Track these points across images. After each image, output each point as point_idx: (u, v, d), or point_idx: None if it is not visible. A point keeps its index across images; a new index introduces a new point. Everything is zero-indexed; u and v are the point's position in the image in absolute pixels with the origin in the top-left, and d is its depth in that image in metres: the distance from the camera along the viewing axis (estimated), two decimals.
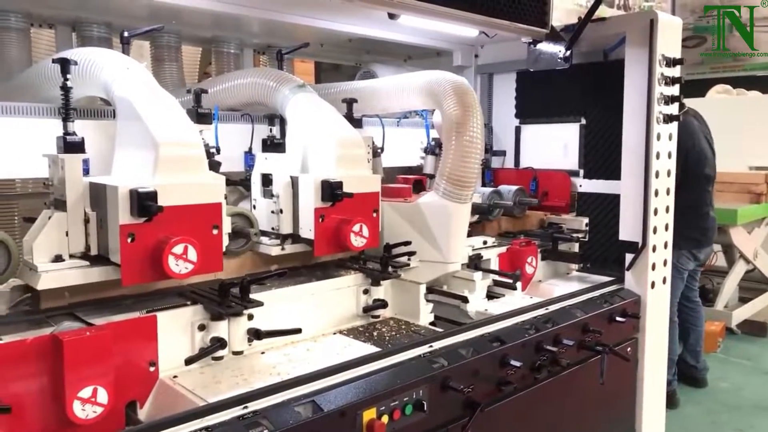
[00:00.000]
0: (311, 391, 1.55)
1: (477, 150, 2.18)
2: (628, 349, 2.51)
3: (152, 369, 1.65)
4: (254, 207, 2.19)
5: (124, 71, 1.86)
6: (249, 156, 2.39)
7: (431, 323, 2.21)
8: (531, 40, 2.73)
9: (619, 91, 2.66)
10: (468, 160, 2.16)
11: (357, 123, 2.37)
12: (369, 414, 1.57)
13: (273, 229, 2.11)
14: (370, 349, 1.89)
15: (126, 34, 2.07)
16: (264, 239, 2.09)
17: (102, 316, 1.66)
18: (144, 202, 1.56)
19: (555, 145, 3.19)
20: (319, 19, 2.66)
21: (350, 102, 2.41)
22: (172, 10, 2.34)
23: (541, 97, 3.20)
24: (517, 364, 1.93)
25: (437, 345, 1.89)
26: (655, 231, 2.57)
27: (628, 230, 2.62)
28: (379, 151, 2.70)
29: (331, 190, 1.99)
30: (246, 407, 1.45)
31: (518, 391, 1.98)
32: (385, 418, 1.60)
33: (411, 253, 2.18)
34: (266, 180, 2.14)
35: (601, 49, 2.83)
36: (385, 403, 1.61)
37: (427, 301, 2.25)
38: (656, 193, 2.55)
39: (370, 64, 3.42)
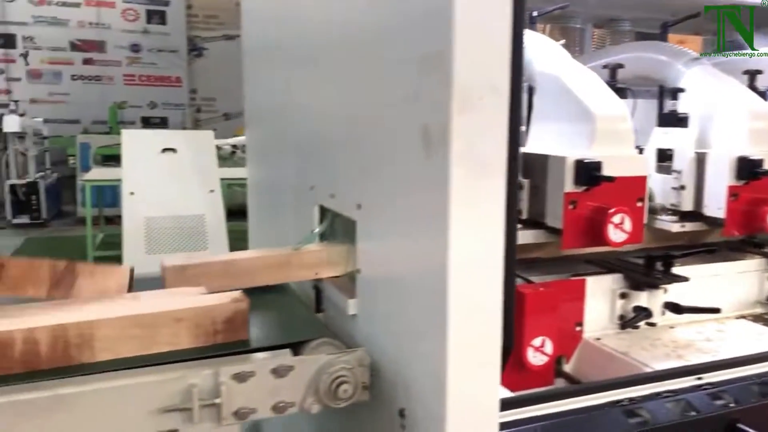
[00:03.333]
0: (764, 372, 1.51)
1: None
2: None
3: (578, 329, 1.77)
4: None
5: (547, 49, 1.99)
6: None
7: None
8: None
9: None
10: None
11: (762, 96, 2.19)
12: None
13: (672, 205, 2.08)
14: None
15: (534, 13, 2.20)
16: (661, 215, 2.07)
17: (534, 275, 1.81)
18: (591, 173, 1.66)
19: None
20: None
21: (753, 74, 2.24)
22: None
23: None
24: None
25: None
26: None
27: None
28: None
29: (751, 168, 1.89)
30: (700, 378, 1.47)
31: None
32: None
33: None
34: (663, 155, 2.11)
35: None
36: None
37: None
38: None
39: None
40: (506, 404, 1.18)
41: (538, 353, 1.62)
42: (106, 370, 1.11)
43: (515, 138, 1.06)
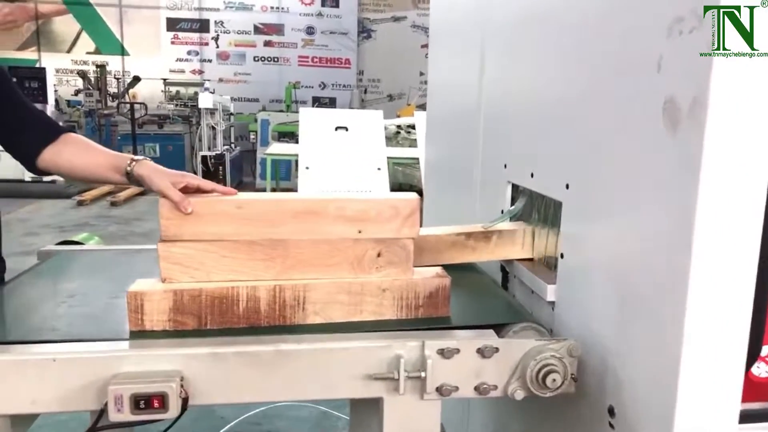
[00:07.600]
0: None
1: None
2: None
3: None
4: None
5: None
6: None
7: None
8: None
9: None
10: None
11: None
12: None
13: None
14: None
15: None
16: None
17: None
18: None
19: None
20: None
21: None
22: None
23: None
24: None
25: None
26: None
27: None
28: None
29: None
30: None
31: None
32: None
33: None
34: None
35: None
36: None
37: None
38: None
39: None
40: (744, 416, 1.03)
41: (762, 363, 1.42)
42: (317, 332, 1.15)
43: None
